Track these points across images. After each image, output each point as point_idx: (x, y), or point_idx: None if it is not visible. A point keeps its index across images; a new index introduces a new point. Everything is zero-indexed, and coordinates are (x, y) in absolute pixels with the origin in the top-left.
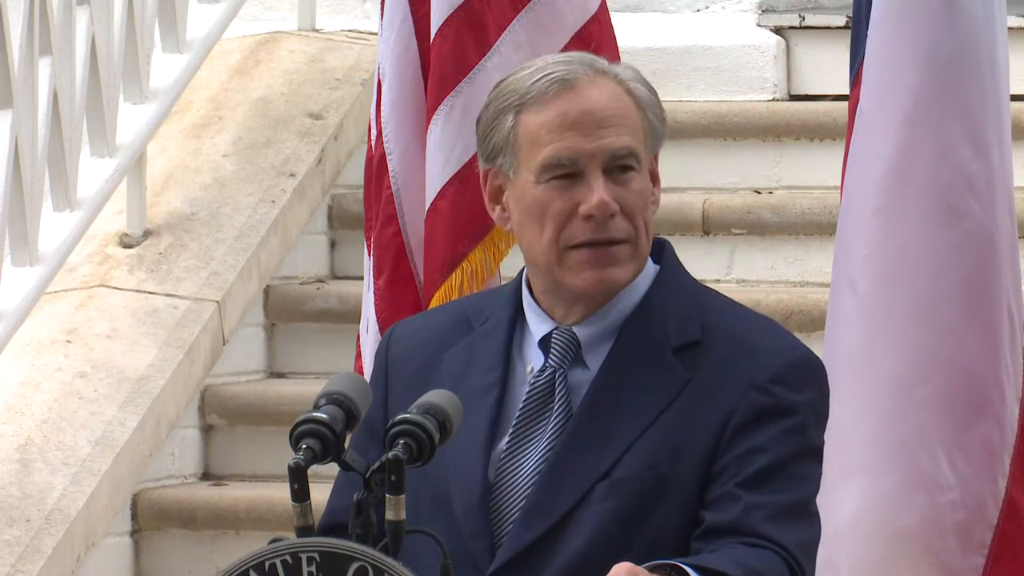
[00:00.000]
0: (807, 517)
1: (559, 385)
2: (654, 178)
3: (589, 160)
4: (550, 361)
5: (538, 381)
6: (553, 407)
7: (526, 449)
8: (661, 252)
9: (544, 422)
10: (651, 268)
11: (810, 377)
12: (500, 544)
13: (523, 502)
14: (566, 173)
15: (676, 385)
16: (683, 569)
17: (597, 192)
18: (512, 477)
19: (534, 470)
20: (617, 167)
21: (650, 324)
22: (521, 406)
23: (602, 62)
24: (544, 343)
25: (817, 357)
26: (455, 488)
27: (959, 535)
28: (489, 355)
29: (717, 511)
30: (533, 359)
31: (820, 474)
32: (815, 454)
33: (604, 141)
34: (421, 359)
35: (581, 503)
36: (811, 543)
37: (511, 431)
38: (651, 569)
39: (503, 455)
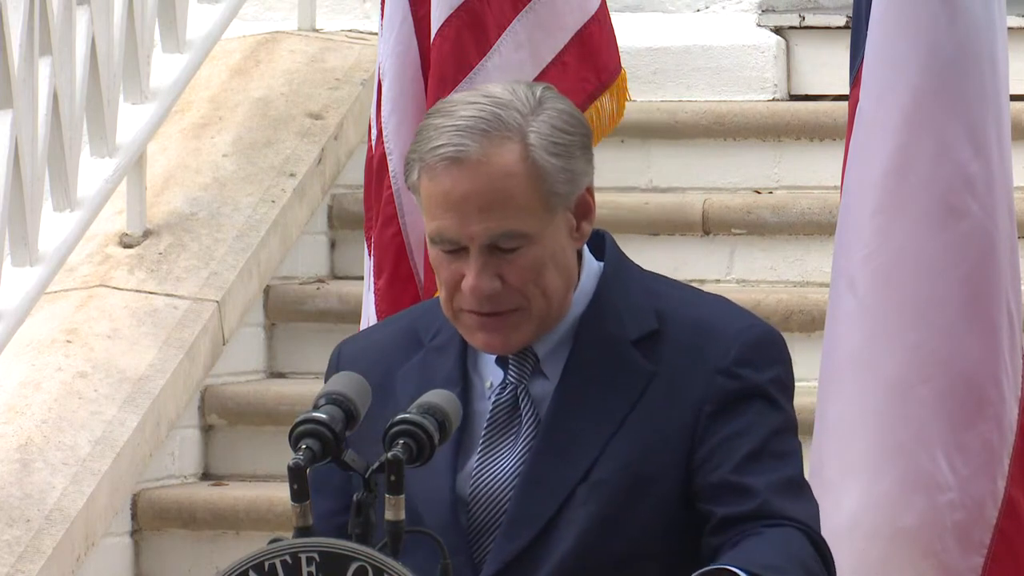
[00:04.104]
0: (805, 490)
1: (522, 398)
2: (585, 211)
3: (469, 241)
4: (510, 377)
5: (501, 397)
6: (520, 420)
7: (498, 463)
8: (602, 246)
9: (513, 435)
10: (595, 266)
11: (772, 352)
12: (481, 559)
13: (503, 515)
14: (450, 249)
15: (642, 380)
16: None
17: (471, 276)
18: (488, 491)
19: (509, 482)
20: (499, 247)
21: (604, 322)
22: (487, 423)
23: (516, 115)
24: (501, 358)
25: (775, 329)
26: (424, 508)
27: (958, 535)
28: (444, 372)
29: (726, 504)
30: (490, 374)
31: (800, 446)
32: (791, 428)
33: (483, 226)
34: (374, 380)
35: (563, 508)
36: (817, 514)
37: (480, 447)
38: None
39: (475, 471)
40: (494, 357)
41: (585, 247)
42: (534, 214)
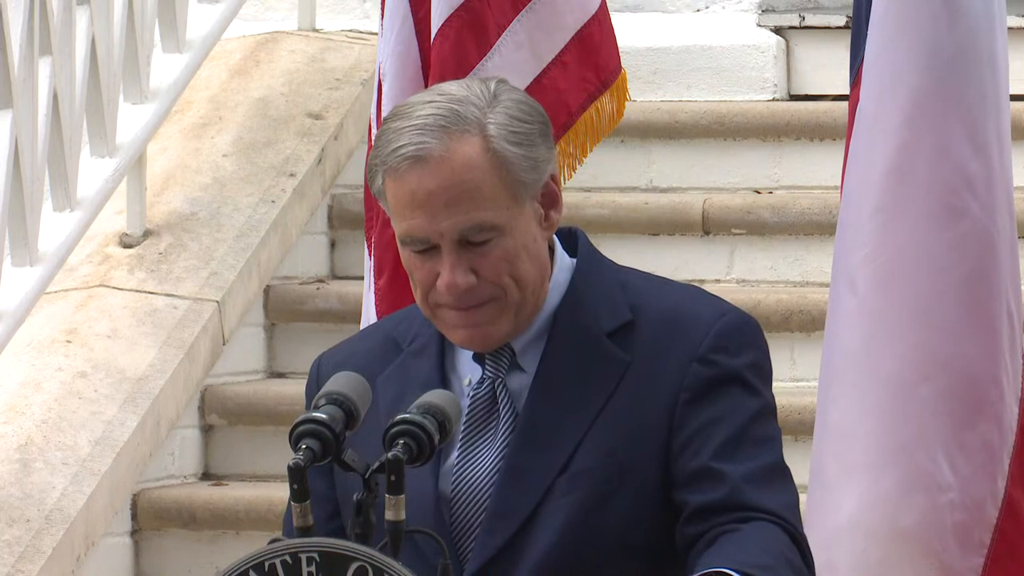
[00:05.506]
0: (784, 477)
1: (500, 393)
2: (552, 199)
3: (439, 237)
4: (487, 372)
5: (479, 392)
6: (499, 414)
7: (478, 458)
8: (575, 243)
9: (492, 430)
10: (568, 261)
11: (747, 338)
12: (466, 556)
13: (484, 510)
14: (421, 248)
15: (618, 370)
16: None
17: (445, 273)
18: (469, 488)
19: (490, 477)
20: (470, 241)
21: (579, 315)
22: (465, 418)
23: (473, 110)
24: (478, 355)
25: (750, 316)
26: (407, 508)
27: (958, 535)
28: (423, 374)
29: (699, 491)
30: (469, 373)
31: (780, 431)
32: (770, 413)
33: (452, 221)
34: None
35: (544, 500)
36: (795, 502)
37: (459, 444)
38: None
39: (455, 468)
40: (471, 355)
41: (558, 244)
42: (502, 204)
